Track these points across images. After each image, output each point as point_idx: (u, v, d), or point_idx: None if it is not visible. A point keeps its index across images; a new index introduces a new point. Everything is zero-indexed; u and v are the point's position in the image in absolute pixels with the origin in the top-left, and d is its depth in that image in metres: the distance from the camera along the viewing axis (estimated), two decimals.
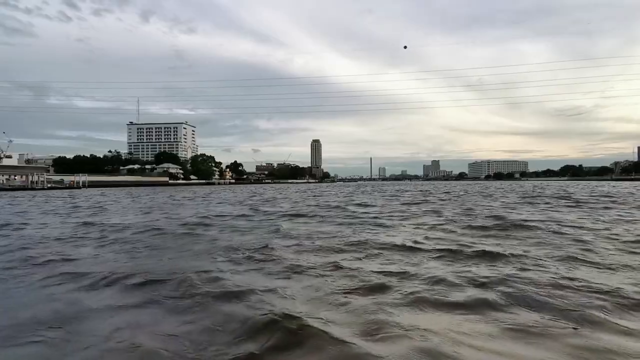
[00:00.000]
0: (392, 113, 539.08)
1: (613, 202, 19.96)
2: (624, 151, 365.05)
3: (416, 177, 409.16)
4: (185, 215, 15.11)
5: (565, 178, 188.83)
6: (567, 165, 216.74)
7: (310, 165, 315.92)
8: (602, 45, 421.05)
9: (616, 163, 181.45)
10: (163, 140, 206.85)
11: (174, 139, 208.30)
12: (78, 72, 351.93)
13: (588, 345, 3.06)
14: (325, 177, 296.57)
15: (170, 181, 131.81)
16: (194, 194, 40.18)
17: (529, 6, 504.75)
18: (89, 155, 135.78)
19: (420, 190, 45.27)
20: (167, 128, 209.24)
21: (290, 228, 10.56)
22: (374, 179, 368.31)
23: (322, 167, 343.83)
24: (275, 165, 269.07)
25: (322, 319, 3.60)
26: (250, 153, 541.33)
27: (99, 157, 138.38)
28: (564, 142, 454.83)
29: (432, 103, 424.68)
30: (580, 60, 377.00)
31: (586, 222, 11.24)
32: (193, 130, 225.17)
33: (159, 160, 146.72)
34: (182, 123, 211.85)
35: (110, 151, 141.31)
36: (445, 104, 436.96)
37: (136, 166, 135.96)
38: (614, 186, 55.04)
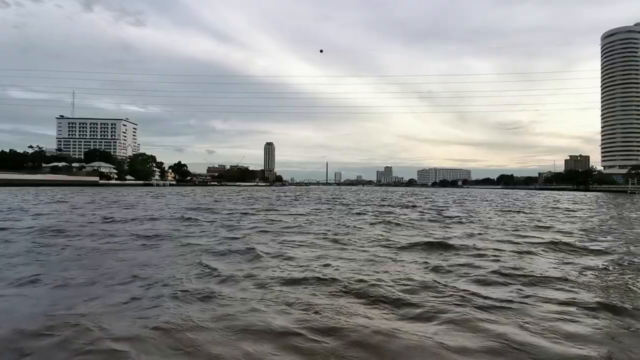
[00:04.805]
0: (349, 119, 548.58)
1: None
2: (556, 163, 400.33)
3: (370, 183, 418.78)
4: None
5: (500, 186, 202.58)
6: (502, 175, 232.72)
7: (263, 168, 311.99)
8: (540, 66, 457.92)
9: (540, 174, 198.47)
10: (99, 137, 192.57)
11: (111, 136, 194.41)
12: (14, 61, 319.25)
13: None
14: (277, 180, 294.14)
15: (101, 181, 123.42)
16: None
17: (478, 26, 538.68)
18: (7, 151, 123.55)
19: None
20: (104, 124, 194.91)
21: None
22: (330, 184, 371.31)
23: (275, 170, 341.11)
24: (228, 167, 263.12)
25: None
26: (204, 154, 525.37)
27: (20, 153, 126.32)
28: (504, 153, 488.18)
29: (387, 109, 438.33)
30: (519, 75, 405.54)
31: None
32: (134, 128, 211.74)
33: (89, 158, 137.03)
34: (121, 119, 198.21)
35: (31, 146, 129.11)
36: (400, 110, 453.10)
37: (62, 164, 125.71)
38: (506, 194, 59.01)
